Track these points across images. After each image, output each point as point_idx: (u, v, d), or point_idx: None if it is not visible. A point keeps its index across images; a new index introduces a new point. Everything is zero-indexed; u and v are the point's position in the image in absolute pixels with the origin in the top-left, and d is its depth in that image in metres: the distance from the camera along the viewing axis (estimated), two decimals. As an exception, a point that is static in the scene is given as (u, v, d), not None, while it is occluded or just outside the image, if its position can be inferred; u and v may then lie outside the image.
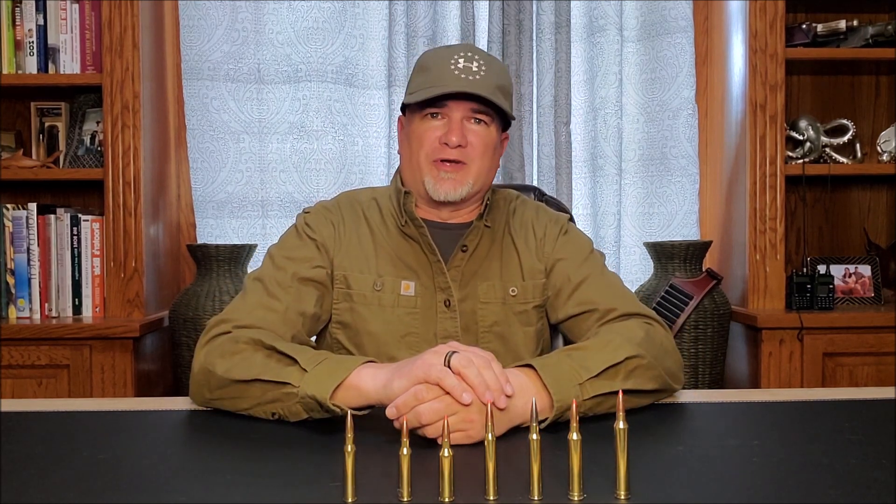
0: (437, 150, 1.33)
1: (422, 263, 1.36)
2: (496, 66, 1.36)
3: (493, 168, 1.40)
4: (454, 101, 1.32)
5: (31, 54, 2.34)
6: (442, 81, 1.31)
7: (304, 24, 2.60)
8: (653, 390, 1.14)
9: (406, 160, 1.39)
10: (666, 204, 2.69)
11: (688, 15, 2.65)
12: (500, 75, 1.35)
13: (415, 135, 1.35)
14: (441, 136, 1.32)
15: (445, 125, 1.33)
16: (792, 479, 0.82)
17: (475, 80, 1.30)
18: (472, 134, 1.33)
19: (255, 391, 1.08)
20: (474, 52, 1.35)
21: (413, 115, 1.37)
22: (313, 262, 1.34)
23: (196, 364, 1.18)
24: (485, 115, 1.34)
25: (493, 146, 1.37)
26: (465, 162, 1.33)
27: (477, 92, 1.29)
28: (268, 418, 1.08)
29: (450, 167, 1.33)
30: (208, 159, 2.59)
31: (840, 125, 2.59)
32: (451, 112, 1.32)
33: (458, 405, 0.95)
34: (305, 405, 1.04)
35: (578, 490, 0.75)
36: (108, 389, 2.18)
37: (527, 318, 1.38)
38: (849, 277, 2.57)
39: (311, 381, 1.03)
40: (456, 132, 1.31)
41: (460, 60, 1.32)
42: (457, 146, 1.31)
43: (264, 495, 0.78)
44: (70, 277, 2.34)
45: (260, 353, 1.12)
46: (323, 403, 1.01)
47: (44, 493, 0.79)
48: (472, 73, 1.31)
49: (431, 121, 1.34)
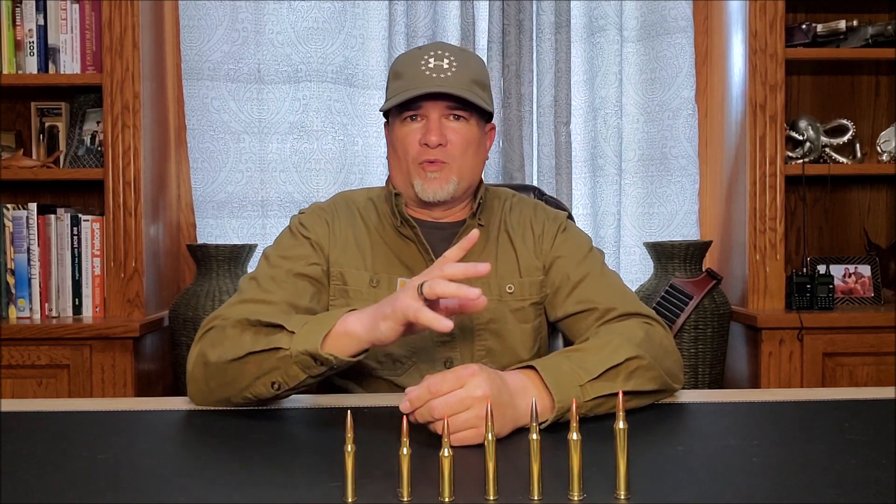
0: (420, 153, 1.33)
1: (417, 262, 1.37)
2: (470, 61, 1.36)
3: (480, 162, 1.40)
4: (429, 102, 1.32)
5: (31, 54, 2.34)
6: (414, 83, 1.32)
7: (304, 24, 2.60)
8: (653, 391, 1.14)
9: (394, 165, 1.40)
10: (666, 204, 2.69)
11: (688, 15, 2.65)
12: (473, 69, 1.35)
13: (398, 140, 1.37)
14: (421, 138, 1.33)
15: (424, 126, 1.33)
16: (792, 479, 0.82)
17: (447, 78, 1.31)
18: (451, 132, 1.33)
19: (250, 366, 1.10)
20: (444, 50, 1.35)
21: (394, 121, 1.38)
22: (308, 259, 1.34)
23: (190, 362, 1.19)
24: (462, 111, 1.34)
25: (475, 141, 1.37)
26: (446, 161, 1.33)
27: (448, 90, 1.30)
28: (269, 394, 1.10)
29: (433, 167, 1.33)
30: (208, 159, 2.59)
31: (840, 125, 2.59)
32: (428, 112, 1.33)
33: (470, 400, 0.94)
34: (301, 363, 1.07)
35: (578, 490, 0.75)
36: (108, 389, 2.19)
37: (523, 316, 1.38)
38: (849, 277, 2.57)
39: (301, 339, 1.06)
40: (434, 132, 1.32)
41: (430, 60, 1.33)
42: (437, 145, 1.32)
43: (264, 495, 0.78)
44: (70, 277, 2.34)
45: (248, 331, 1.14)
46: (316, 355, 1.04)
47: (44, 493, 0.79)
48: (444, 70, 1.32)
49: (411, 123, 1.35)
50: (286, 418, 1.10)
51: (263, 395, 1.11)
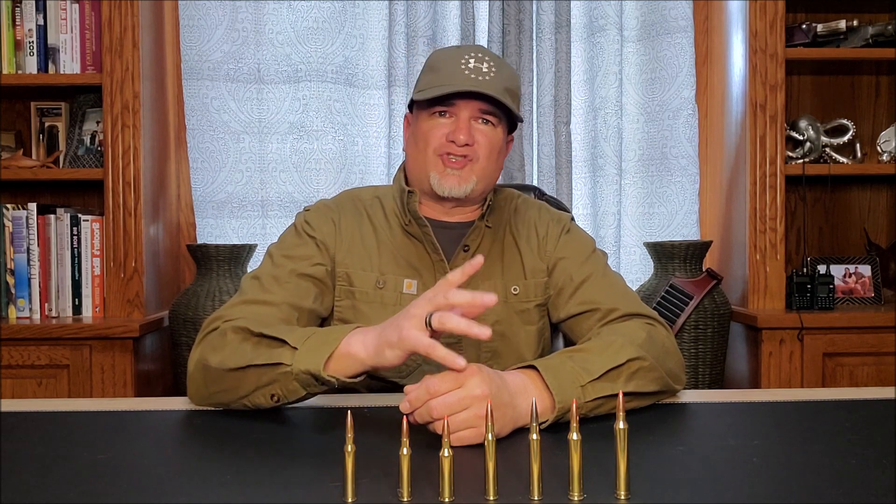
0: (443, 146, 1.33)
1: (424, 263, 1.36)
2: (506, 69, 1.36)
3: (498, 169, 1.40)
4: (463, 101, 1.32)
5: (31, 54, 2.34)
6: (451, 80, 1.31)
7: (304, 24, 2.60)
8: (654, 392, 1.14)
9: (412, 157, 1.39)
10: (666, 204, 2.69)
11: (688, 15, 2.65)
12: (509, 78, 1.36)
13: (421, 132, 1.36)
14: (448, 134, 1.32)
15: (453, 124, 1.33)
16: (792, 479, 0.82)
17: (485, 81, 1.31)
18: (479, 133, 1.33)
19: (250, 377, 1.09)
20: (485, 54, 1.35)
21: (420, 113, 1.37)
22: (312, 259, 1.34)
23: (191, 363, 1.19)
24: (492, 116, 1.34)
25: (499, 147, 1.37)
26: (471, 158, 1.33)
27: (486, 91, 1.29)
28: (268, 404, 1.09)
29: (455, 163, 1.33)
30: (208, 159, 2.59)
31: (840, 125, 2.59)
32: (460, 111, 1.33)
33: (469, 400, 0.94)
34: (302, 381, 1.05)
35: (578, 490, 0.75)
36: (107, 389, 2.18)
37: (528, 317, 1.38)
38: (849, 277, 2.57)
39: (303, 357, 1.04)
40: (464, 131, 1.31)
41: (471, 61, 1.33)
42: (464, 145, 1.32)
43: (264, 495, 0.77)
44: (70, 277, 2.34)
45: (249, 341, 1.12)
46: (318, 376, 1.03)
47: (44, 493, 0.79)
48: (482, 73, 1.32)
49: (439, 119, 1.34)
50: (286, 418, 1.10)
51: (262, 405, 1.11)
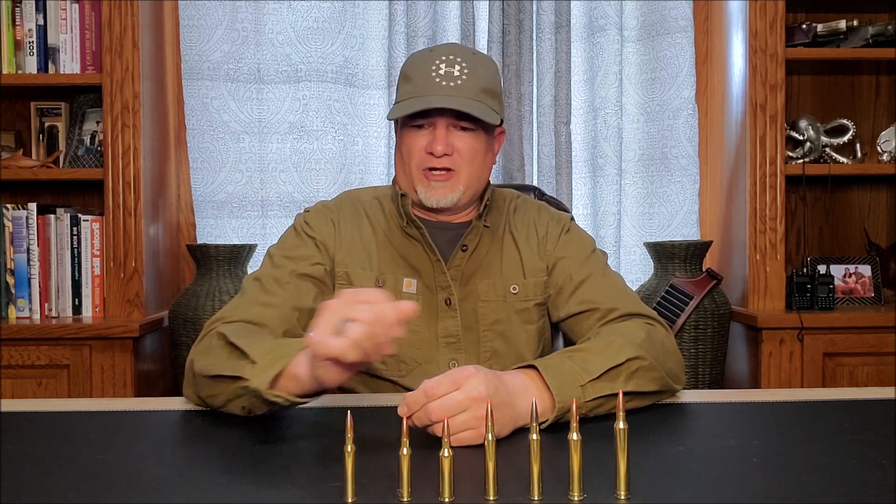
0: (424, 160, 1.33)
1: (423, 263, 1.37)
2: (481, 67, 1.34)
3: (486, 169, 1.39)
4: (437, 112, 1.31)
5: (31, 54, 2.33)
6: (424, 90, 1.31)
7: (304, 24, 2.60)
8: (654, 391, 1.14)
9: (399, 169, 1.40)
10: (666, 204, 2.69)
11: (688, 15, 2.65)
12: (484, 77, 1.34)
13: (404, 145, 1.36)
14: (427, 146, 1.32)
15: (431, 134, 1.33)
16: (792, 479, 0.82)
17: (457, 87, 1.30)
18: (458, 140, 1.33)
19: (222, 387, 1.08)
20: (457, 55, 1.34)
21: (402, 125, 1.37)
22: (312, 259, 1.34)
23: (187, 363, 1.20)
24: (469, 123, 1.33)
25: (482, 150, 1.36)
26: (453, 169, 1.33)
27: (456, 107, 1.28)
28: (244, 414, 1.06)
29: (439, 175, 1.33)
30: (208, 159, 2.59)
31: (840, 125, 2.59)
32: (436, 121, 1.32)
33: (468, 402, 0.93)
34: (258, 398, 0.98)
35: (578, 490, 0.75)
36: (107, 389, 2.18)
37: (528, 316, 1.38)
38: (849, 277, 2.57)
39: (256, 374, 0.98)
40: (440, 142, 1.31)
41: (441, 66, 1.32)
42: (443, 155, 1.31)
43: (264, 495, 0.77)
44: (70, 277, 2.34)
45: (225, 350, 1.10)
46: (265, 398, 0.96)
47: (44, 493, 0.79)
48: (454, 78, 1.30)
49: (418, 131, 1.34)
50: (286, 418, 1.10)
51: (239, 414, 1.07)
